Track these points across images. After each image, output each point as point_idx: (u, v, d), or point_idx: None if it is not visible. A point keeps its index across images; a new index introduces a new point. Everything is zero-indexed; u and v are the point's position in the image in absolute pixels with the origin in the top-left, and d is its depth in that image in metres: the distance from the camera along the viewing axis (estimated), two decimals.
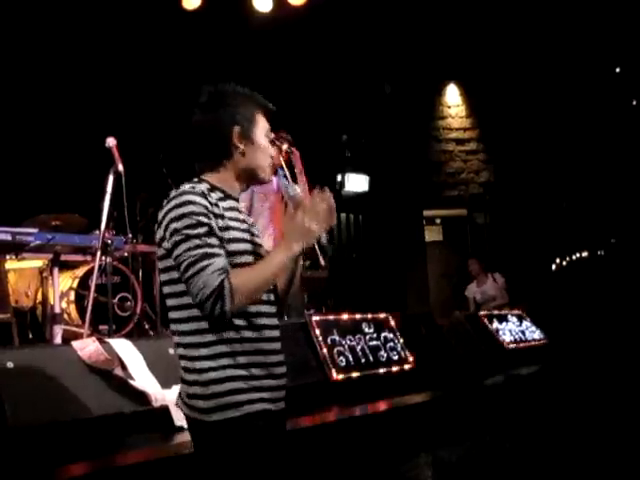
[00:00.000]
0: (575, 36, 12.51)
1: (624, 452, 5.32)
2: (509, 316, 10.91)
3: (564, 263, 12.53)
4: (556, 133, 12.54)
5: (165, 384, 4.32)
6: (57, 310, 5.73)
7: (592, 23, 12.46)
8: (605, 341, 10.47)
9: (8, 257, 5.89)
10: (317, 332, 7.45)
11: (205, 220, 2.30)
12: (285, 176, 6.07)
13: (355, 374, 7.93)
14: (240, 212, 2.54)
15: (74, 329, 6.04)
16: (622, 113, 13.20)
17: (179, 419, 4.09)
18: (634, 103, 13.36)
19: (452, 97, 12.29)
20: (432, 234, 12.56)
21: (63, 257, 6.05)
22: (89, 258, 6.30)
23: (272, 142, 2.64)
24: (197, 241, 2.27)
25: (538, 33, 12.31)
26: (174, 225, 2.30)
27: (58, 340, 5.51)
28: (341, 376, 7.79)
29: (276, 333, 2.51)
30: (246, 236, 2.47)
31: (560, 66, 12.51)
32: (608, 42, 12.78)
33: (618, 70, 13.15)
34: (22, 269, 6.45)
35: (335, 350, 7.89)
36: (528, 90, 12.34)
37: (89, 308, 5.16)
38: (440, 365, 9.19)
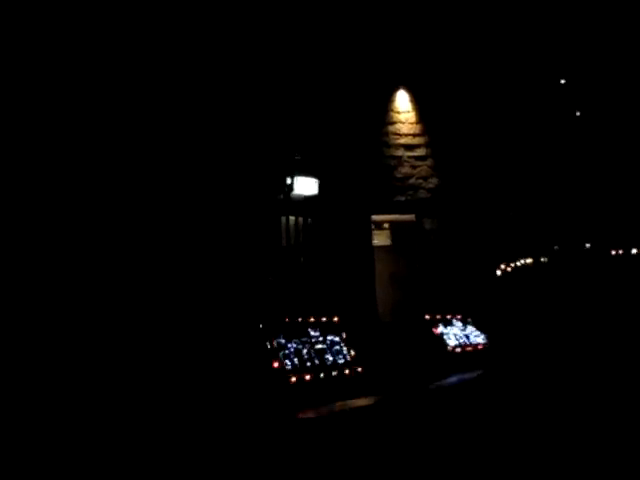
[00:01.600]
0: (522, 47, 12.78)
1: (562, 446, 5.43)
2: (454, 320, 11.07)
3: (508, 269, 12.74)
4: (502, 141, 12.76)
5: None
6: None
7: (538, 35, 12.74)
8: (547, 344, 10.68)
9: None
10: None
11: None
12: None
13: (303, 377, 7.93)
14: None
15: None
16: (566, 123, 13.52)
17: None
18: (578, 114, 13.70)
19: (402, 103, 12.39)
20: (380, 238, 12.62)
21: None
22: None
23: None
24: None
25: (486, 43, 12.53)
26: None
27: None
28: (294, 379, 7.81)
29: None
30: None
31: (507, 76, 12.75)
32: (553, 54, 13.09)
33: (563, 81, 13.47)
34: None
35: (281, 353, 7.88)
36: (476, 99, 12.54)
37: None
38: (386, 368, 9.26)
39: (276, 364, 7.70)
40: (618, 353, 9.74)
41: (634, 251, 12.97)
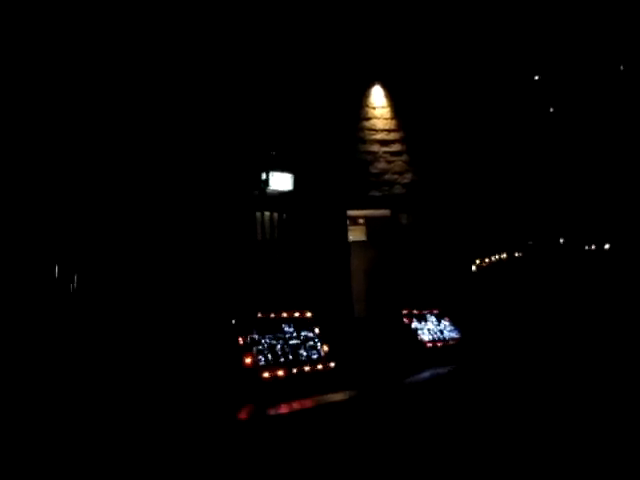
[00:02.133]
0: (496, 44, 12.84)
1: (534, 441, 5.48)
2: (428, 315, 11.12)
3: (483, 264, 12.83)
4: (477, 137, 12.83)
5: None
6: None
7: (512, 32, 12.81)
8: (522, 338, 10.76)
9: None
10: None
11: None
12: None
13: (275, 372, 7.92)
14: None
15: None
16: (540, 120, 13.63)
17: None
18: (551, 110, 13.80)
19: (377, 99, 12.40)
20: (356, 234, 12.63)
21: None
22: None
23: None
24: None
25: (461, 39, 12.57)
26: None
27: None
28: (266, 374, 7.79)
29: None
30: None
31: (481, 72, 12.81)
32: (528, 50, 13.17)
33: (537, 78, 13.56)
34: None
35: (254, 349, 7.86)
36: (451, 94, 12.58)
37: None
38: (360, 363, 9.28)
39: (249, 359, 7.68)
40: (591, 345, 9.85)
41: (607, 246, 13.11)
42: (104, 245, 8.68)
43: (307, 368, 8.32)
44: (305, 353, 8.43)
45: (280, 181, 10.64)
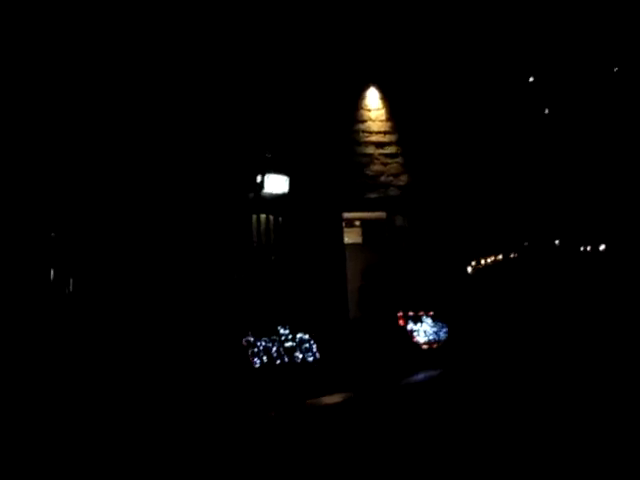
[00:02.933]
0: (491, 46, 12.88)
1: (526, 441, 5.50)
2: (424, 317, 11.13)
3: (479, 266, 12.86)
4: (472, 139, 12.85)
5: None
6: None
7: (507, 34, 12.85)
8: (517, 338, 10.77)
9: None
10: None
11: None
12: None
13: (270, 374, 7.94)
14: None
15: None
16: (535, 121, 13.67)
17: None
18: (546, 111, 13.85)
19: (372, 101, 12.41)
20: (351, 236, 12.63)
21: None
22: None
23: None
24: None
25: (456, 41, 12.60)
26: None
27: None
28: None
29: None
30: None
31: (476, 74, 12.84)
32: (522, 52, 13.21)
33: (532, 79, 13.61)
34: None
35: (250, 351, 7.87)
36: (446, 96, 12.60)
37: None
38: (356, 365, 9.29)
39: (245, 362, 7.69)
40: (586, 345, 9.87)
41: (602, 247, 13.16)
42: (102, 246, 8.68)
43: (303, 370, 8.33)
44: (301, 355, 8.44)
45: (276, 183, 10.64)
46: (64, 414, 6.43)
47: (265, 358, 7.92)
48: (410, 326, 10.82)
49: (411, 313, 11.04)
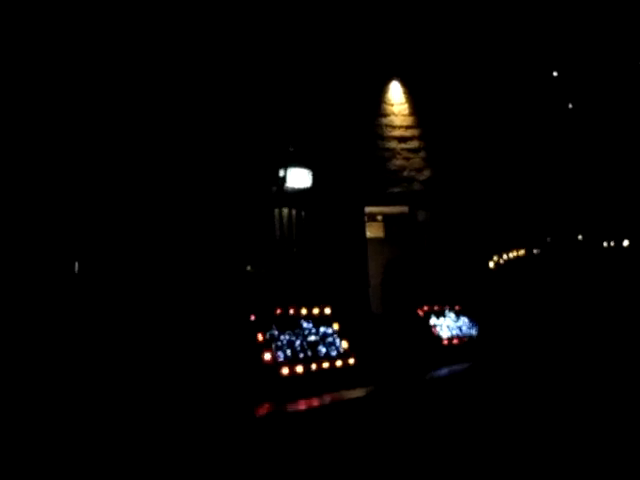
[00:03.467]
0: (514, 39, 12.78)
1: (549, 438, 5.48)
2: (447, 312, 11.11)
3: (501, 260, 12.79)
4: (496, 133, 12.78)
5: None
6: None
7: (530, 27, 12.74)
8: (540, 336, 10.72)
9: None
10: None
11: None
12: None
13: (294, 369, 7.96)
14: None
15: None
16: (559, 115, 13.55)
17: None
18: (570, 106, 13.72)
19: (395, 95, 12.38)
20: (374, 231, 12.64)
21: None
22: None
23: None
24: None
25: (479, 35, 12.53)
26: None
27: None
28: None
29: None
30: None
31: (500, 68, 12.75)
32: (546, 46, 13.09)
33: (555, 74, 13.48)
34: None
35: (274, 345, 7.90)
36: (469, 91, 12.54)
37: None
38: (379, 360, 9.30)
39: (268, 356, 7.73)
40: (612, 345, 9.79)
41: (626, 242, 13.03)
42: (121, 242, 8.74)
43: (326, 364, 8.35)
44: (324, 349, 8.46)
45: (298, 177, 10.65)
46: (64, 402, 6.46)
47: (289, 352, 7.96)
48: (432, 320, 10.80)
49: (434, 308, 11.03)
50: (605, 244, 13.16)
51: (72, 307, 7.87)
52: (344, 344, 8.81)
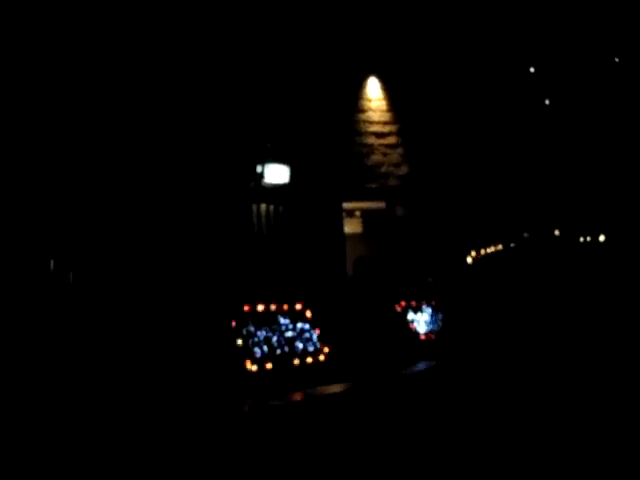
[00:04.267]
0: (492, 36, 12.84)
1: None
2: (424, 307, 11.16)
3: (479, 256, 12.86)
4: (472, 129, 12.84)
5: None
6: None
7: (508, 24, 12.81)
8: (516, 329, 10.79)
9: None
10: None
11: None
12: None
13: (271, 364, 7.95)
14: None
15: None
16: (535, 111, 13.64)
17: None
18: (547, 102, 13.82)
19: (373, 91, 12.38)
20: (352, 226, 12.64)
21: None
22: None
23: None
24: None
25: (456, 32, 12.57)
26: None
27: None
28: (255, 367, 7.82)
29: None
30: None
31: (477, 65, 12.81)
32: (523, 43, 13.17)
33: (532, 70, 13.57)
34: None
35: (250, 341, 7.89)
36: (446, 87, 12.58)
37: None
38: (356, 355, 9.32)
39: (245, 352, 7.71)
40: (586, 339, 9.89)
41: (602, 238, 13.16)
42: (96, 240, 8.68)
43: (304, 360, 8.36)
44: (301, 345, 8.46)
45: (276, 173, 10.62)
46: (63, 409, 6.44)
47: (266, 348, 7.94)
48: (410, 316, 10.85)
49: (411, 303, 11.06)
50: (582, 239, 13.28)
51: (50, 305, 7.82)
52: (321, 340, 8.81)
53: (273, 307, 8.58)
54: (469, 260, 12.75)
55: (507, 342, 10.18)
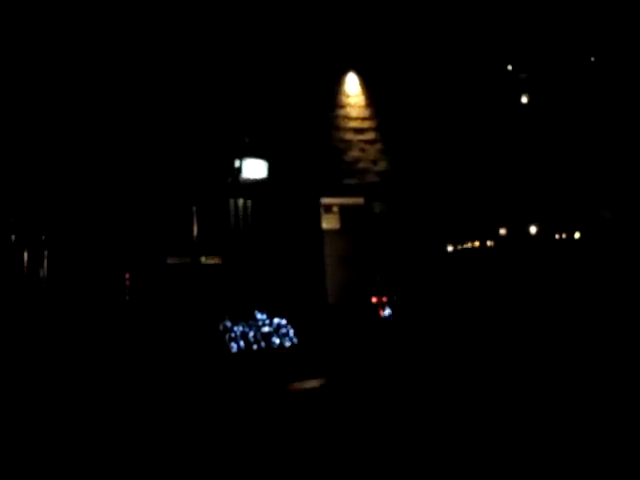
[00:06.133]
0: (469, 33, 12.90)
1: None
2: (396, 302, 11.20)
3: (455, 252, 12.93)
4: (451, 125, 12.90)
5: None
6: None
7: (485, 21, 12.88)
8: (492, 328, 10.87)
9: None
10: None
11: None
12: None
13: (247, 360, 7.95)
14: None
15: None
16: (513, 109, 13.74)
17: None
18: (524, 100, 13.91)
19: (352, 86, 12.39)
20: (330, 222, 12.63)
21: None
22: None
23: None
24: None
25: (435, 28, 12.61)
26: None
27: None
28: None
29: None
30: None
31: (455, 61, 12.87)
32: (501, 40, 13.25)
33: (510, 67, 13.66)
34: None
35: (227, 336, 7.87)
36: (424, 83, 12.62)
37: None
38: (333, 350, 9.33)
39: (222, 347, 7.69)
40: (560, 339, 9.99)
41: (577, 235, 13.30)
42: (69, 234, 8.61)
43: (280, 355, 8.36)
44: (278, 340, 8.46)
45: (254, 168, 10.60)
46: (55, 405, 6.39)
47: (242, 343, 7.93)
48: (387, 311, 10.89)
49: (387, 299, 11.10)
50: (557, 236, 13.40)
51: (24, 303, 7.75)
52: (299, 335, 8.82)
53: (250, 302, 8.57)
54: (445, 256, 12.81)
55: (478, 339, 10.25)
